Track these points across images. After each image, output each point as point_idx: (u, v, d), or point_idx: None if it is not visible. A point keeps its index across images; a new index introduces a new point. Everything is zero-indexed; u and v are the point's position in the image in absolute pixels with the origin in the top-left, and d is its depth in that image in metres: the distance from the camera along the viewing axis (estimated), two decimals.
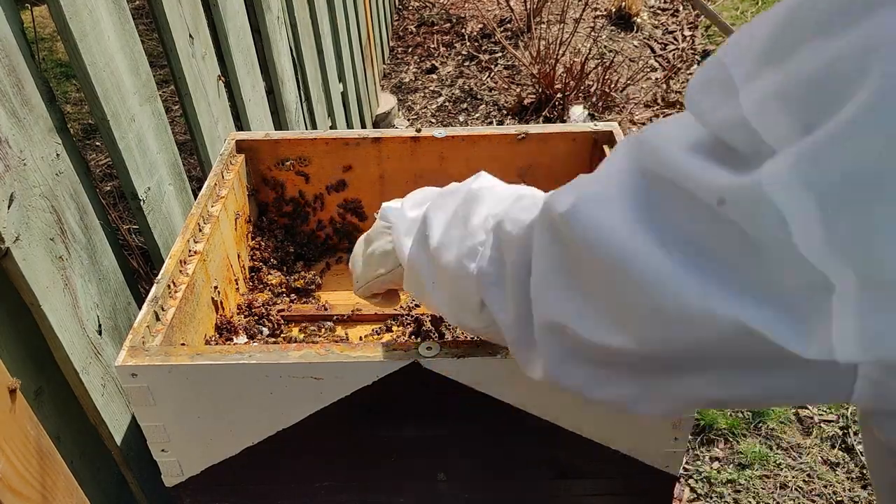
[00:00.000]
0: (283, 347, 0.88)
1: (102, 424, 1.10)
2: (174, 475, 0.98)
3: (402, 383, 0.87)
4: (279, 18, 2.00)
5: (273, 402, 0.90)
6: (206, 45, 1.55)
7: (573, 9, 4.33)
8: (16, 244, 0.89)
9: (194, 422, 0.92)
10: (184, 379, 0.87)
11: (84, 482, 0.96)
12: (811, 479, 1.95)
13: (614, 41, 4.20)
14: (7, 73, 0.90)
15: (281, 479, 1.01)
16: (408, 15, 4.67)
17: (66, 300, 1.00)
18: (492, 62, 4.05)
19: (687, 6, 4.54)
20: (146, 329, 0.93)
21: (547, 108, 3.47)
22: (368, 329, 1.29)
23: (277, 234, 1.42)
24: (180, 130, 2.66)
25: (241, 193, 1.32)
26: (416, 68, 4.10)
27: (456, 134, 1.35)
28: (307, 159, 1.38)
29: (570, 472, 0.99)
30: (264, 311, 1.27)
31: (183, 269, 1.05)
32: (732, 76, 0.39)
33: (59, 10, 1.02)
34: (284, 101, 2.06)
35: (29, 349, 0.96)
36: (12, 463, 0.75)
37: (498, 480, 1.00)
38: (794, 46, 0.36)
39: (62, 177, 1.02)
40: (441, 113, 3.72)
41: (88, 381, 1.04)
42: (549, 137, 1.35)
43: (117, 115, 1.17)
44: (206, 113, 1.53)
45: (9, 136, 0.89)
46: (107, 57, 1.14)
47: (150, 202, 1.29)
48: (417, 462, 0.98)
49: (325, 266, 1.45)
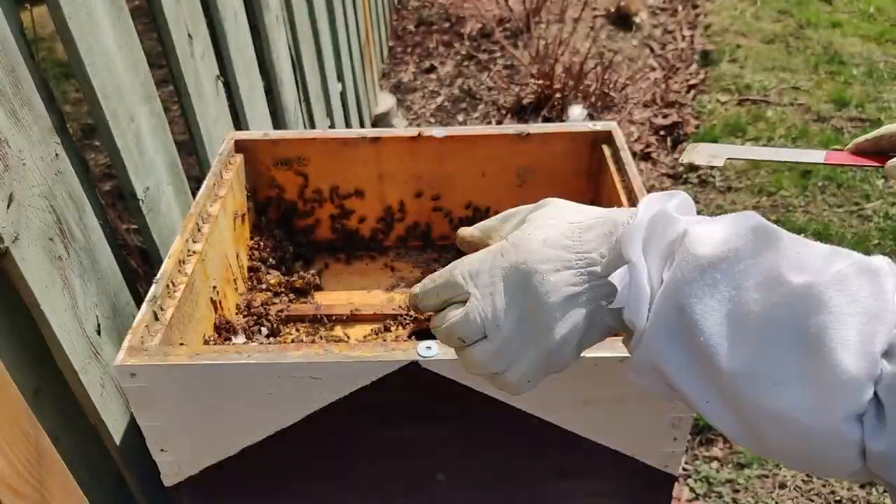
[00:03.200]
0: (282, 347, 0.88)
1: (102, 424, 1.10)
2: (173, 475, 0.98)
3: (401, 383, 0.87)
4: (278, 18, 2.00)
5: (272, 402, 0.90)
6: (204, 45, 1.55)
7: (572, 8, 4.33)
8: (15, 244, 0.89)
9: (194, 422, 0.92)
10: (183, 379, 0.87)
11: (83, 482, 0.96)
12: (810, 479, 1.96)
13: (613, 41, 4.20)
14: (6, 73, 0.90)
15: (280, 479, 1.01)
16: (407, 14, 4.67)
17: (65, 300, 1.00)
18: (491, 62, 4.05)
19: (686, 6, 4.54)
20: (145, 329, 0.93)
21: (546, 107, 3.47)
22: (368, 329, 1.29)
23: (276, 234, 1.42)
24: (179, 130, 2.66)
25: (239, 193, 1.32)
26: (415, 68, 4.10)
27: (455, 134, 1.35)
28: (306, 159, 1.38)
29: (570, 472, 0.99)
30: (263, 310, 1.27)
31: (181, 269, 1.05)
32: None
33: (58, 11, 1.02)
34: (283, 100, 2.05)
35: (28, 349, 0.96)
36: (12, 463, 0.75)
37: (497, 481, 1.00)
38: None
39: (61, 177, 1.02)
40: (440, 113, 3.72)
41: (87, 380, 1.04)
42: (548, 137, 1.35)
43: (116, 114, 1.17)
44: (204, 113, 1.53)
45: (8, 136, 0.89)
46: (105, 57, 1.14)
47: (149, 202, 1.28)
48: (417, 462, 0.98)
49: (324, 266, 1.45)
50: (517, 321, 0.59)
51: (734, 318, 0.51)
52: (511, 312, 0.59)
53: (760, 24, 4.31)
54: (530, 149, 1.36)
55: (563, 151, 1.37)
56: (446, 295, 0.63)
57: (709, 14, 4.47)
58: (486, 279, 0.60)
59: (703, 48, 4.07)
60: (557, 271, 0.57)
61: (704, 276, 0.52)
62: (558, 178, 1.40)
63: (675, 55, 4.05)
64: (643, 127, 3.47)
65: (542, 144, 1.36)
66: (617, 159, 1.29)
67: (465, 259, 0.63)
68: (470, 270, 0.61)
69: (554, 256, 0.58)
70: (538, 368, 0.60)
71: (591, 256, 0.57)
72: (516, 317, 0.59)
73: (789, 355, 0.49)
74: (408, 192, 1.42)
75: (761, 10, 4.47)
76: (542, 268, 0.57)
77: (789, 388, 0.49)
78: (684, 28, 4.33)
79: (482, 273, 0.60)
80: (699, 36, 4.24)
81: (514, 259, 0.59)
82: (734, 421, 0.53)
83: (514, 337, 0.59)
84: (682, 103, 3.62)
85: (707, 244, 0.53)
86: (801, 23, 4.28)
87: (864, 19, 4.30)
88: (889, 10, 4.37)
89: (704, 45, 4.11)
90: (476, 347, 0.61)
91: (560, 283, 0.57)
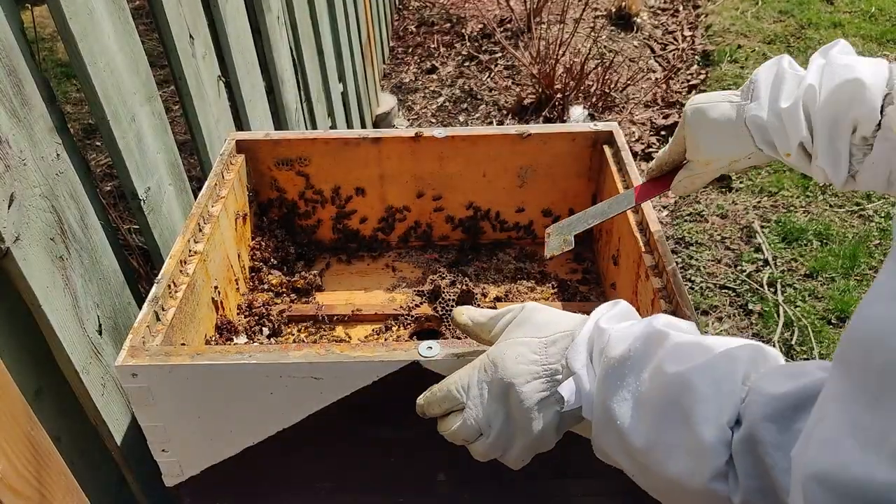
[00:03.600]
0: (284, 347, 0.88)
1: (102, 424, 1.10)
2: (174, 475, 0.98)
3: (402, 383, 0.87)
4: (279, 18, 2.01)
5: (273, 402, 0.90)
6: (206, 45, 1.55)
7: (573, 9, 4.33)
8: (16, 244, 0.89)
9: (194, 422, 0.92)
10: (184, 379, 0.87)
11: (84, 482, 0.96)
12: None
13: (614, 41, 4.20)
14: (7, 73, 0.90)
15: (281, 479, 1.01)
16: (408, 15, 4.67)
17: (66, 300, 1.00)
18: (492, 62, 4.05)
19: (687, 6, 4.54)
20: (146, 329, 0.93)
21: (547, 108, 3.47)
22: (368, 329, 1.29)
23: (278, 234, 1.42)
24: (180, 130, 2.66)
25: (241, 193, 1.32)
26: (416, 68, 4.10)
27: (456, 134, 1.35)
28: (307, 159, 1.38)
29: (569, 471, 0.99)
30: (264, 311, 1.27)
31: (183, 269, 1.05)
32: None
33: (59, 10, 1.02)
34: (284, 101, 2.06)
35: (29, 349, 0.96)
36: (12, 463, 0.75)
37: (497, 480, 1.00)
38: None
39: (62, 177, 1.02)
40: (441, 113, 3.72)
41: (88, 381, 1.04)
42: (548, 137, 1.35)
43: (117, 114, 1.17)
44: (206, 113, 1.53)
45: (9, 136, 0.89)
46: (107, 57, 1.14)
47: (151, 202, 1.29)
48: (417, 462, 0.98)
49: (326, 266, 1.45)
50: (504, 422, 0.74)
51: (637, 404, 0.64)
52: (498, 416, 0.74)
53: (761, 24, 4.31)
54: (531, 149, 1.36)
55: (563, 152, 1.37)
56: (447, 405, 0.77)
57: (710, 14, 4.47)
58: (476, 391, 0.75)
59: (704, 48, 4.07)
60: (528, 382, 0.72)
61: (616, 372, 0.66)
62: (559, 178, 1.40)
63: (675, 55, 4.05)
64: (644, 127, 3.47)
65: (543, 145, 1.36)
66: (618, 159, 1.29)
67: (456, 374, 0.78)
68: (462, 385, 0.76)
69: (524, 371, 0.72)
70: (527, 452, 0.76)
71: (554, 367, 0.72)
72: (503, 419, 0.74)
73: (673, 430, 0.60)
74: (409, 192, 1.42)
75: (762, 10, 4.47)
76: (517, 381, 0.72)
77: (676, 457, 0.60)
78: (685, 28, 4.33)
79: (472, 386, 0.76)
80: (700, 36, 4.24)
81: (494, 375, 0.74)
82: (652, 489, 0.65)
83: (503, 433, 0.75)
84: (683, 103, 3.62)
85: (619, 346, 0.67)
86: (802, 23, 4.28)
87: (866, 20, 4.29)
88: (891, 11, 4.36)
89: (705, 46, 4.11)
90: (477, 443, 0.76)
91: (531, 392, 0.72)
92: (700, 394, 0.59)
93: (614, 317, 0.73)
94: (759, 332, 2.32)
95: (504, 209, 1.45)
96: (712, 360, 0.61)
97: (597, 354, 0.70)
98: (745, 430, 0.56)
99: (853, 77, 0.79)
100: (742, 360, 0.60)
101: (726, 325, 2.36)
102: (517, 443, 0.75)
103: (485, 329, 0.81)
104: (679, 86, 3.75)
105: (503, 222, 1.47)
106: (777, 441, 0.53)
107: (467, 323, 0.82)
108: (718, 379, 0.59)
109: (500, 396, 0.74)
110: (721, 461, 0.57)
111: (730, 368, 0.59)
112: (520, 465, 0.78)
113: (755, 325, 2.36)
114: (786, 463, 0.52)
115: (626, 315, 0.74)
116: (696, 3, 4.65)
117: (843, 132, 0.80)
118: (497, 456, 0.77)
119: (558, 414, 0.72)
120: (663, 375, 0.62)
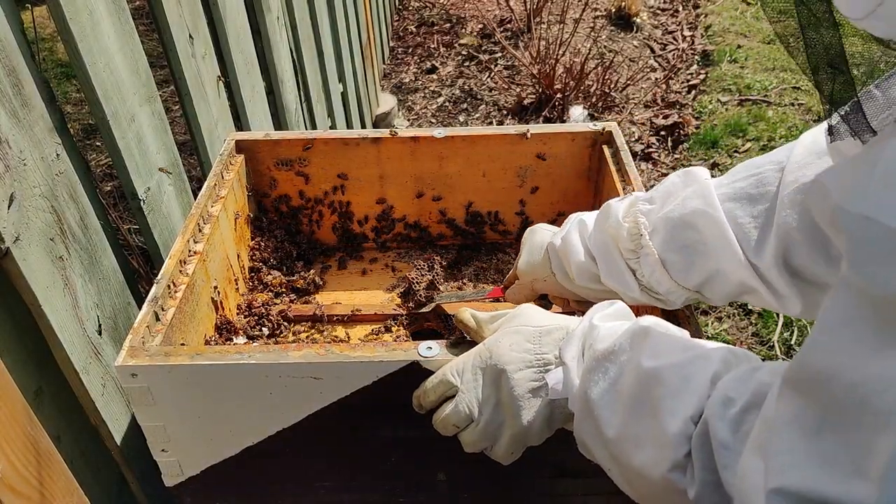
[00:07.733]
0: (283, 347, 0.88)
1: (102, 424, 1.10)
2: (174, 475, 0.98)
3: (402, 383, 0.87)
4: (279, 19, 2.01)
5: (273, 402, 0.90)
6: (205, 46, 1.55)
7: (573, 9, 4.33)
8: (16, 244, 0.89)
9: (194, 422, 0.92)
10: (184, 379, 0.87)
11: (84, 482, 0.96)
12: None
13: (614, 41, 4.20)
14: (7, 74, 0.90)
15: (281, 479, 1.01)
16: (408, 15, 4.67)
17: (66, 300, 1.00)
18: (492, 62, 4.05)
19: (687, 6, 4.54)
20: (146, 329, 0.93)
21: (547, 108, 3.47)
22: (368, 329, 1.29)
23: (277, 235, 1.42)
24: (180, 130, 2.66)
25: (240, 193, 1.32)
26: (416, 68, 4.10)
27: (456, 134, 1.35)
28: (307, 159, 1.38)
29: (570, 470, 0.99)
30: (264, 311, 1.27)
31: (183, 269, 1.05)
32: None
33: (59, 11, 1.02)
34: (284, 101, 2.06)
35: (29, 349, 0.96)
36: (12, 463, 0.75)
37: (497, 480, 1.00)
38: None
39: (62, 177, 1.02)
40: (441, 113, 3.72)
41: (88, 381, 1.04)
42: (548, 137, 1.35)
43: (117, 115, 1.17)
44: (205, 113, 1.53)
45: (9, 136, 0.89)
46: (107, 57, 1.14)
47: (150, 202, 1.29)
48: (417, 462, 0.99)
49: (325, 266, 1.45)
50: (494, 409, 0.76)
51: (614, 396, 0.66)
52: (489, 403, 0.76)
53: (761, 24, 4.30)
54: (531, 149, 1.37)
55: (563, 152, 1.37)
56: (441, 389, 0.79)
57: (709, 14, 4.47)
58: (470, 376, 0.77)
59: (704, 48, 4.07)
60: (520, 370, 0.73)
61: (600, 365, 0.68)
62: (559, 178, 1.40)
63: (675, 55, 4.05)
64: (644, 127, 3.47)
65: (543, 145, 1.36)
66: (617, 159, 1.29)
67: (453, 361, 0.80)
68: (457, 370, 0.78)
69: (517, 359, 0.74)
70: (516, 444, 0.77)
71: (547, 357, 0.74)
72: (493, 406, 0.76)
73: (642, 421, 0.63)
74: (409, 192, 1.42)
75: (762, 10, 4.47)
76: (509, 367, 0.74)
77: (642, 447, 0.63)
78: (685, 28, 4.33)
79: (466, 371, 0.77)
80: (700, 36, 4.24)
81: (489, 361, 0.76)
82: (622, 482, 0.68)
83: (493, 421, 0.76)
84: (683, 103, 3.62)
85: (606, 341, 0.70)
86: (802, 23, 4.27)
87: None
88: None
89: (705, 46, 4.11)
90: (467, 431, 0.78)
91: (523, 380, 0.73)
92: (670, 388, 0.62)
93: (608, 315, 0.76)
94: (758, 332, 2.32)
95: (504, 209, 1.45)
96: (686, 357, 0.64)
97: (587, 349, 0.72)
98: (702, 425, 0.59)
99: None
100: (714, 360, 0.63)
101: (726, 325, 2.36)
102: (506, 432, 0.76)
103: (487, 328, 0.82)
104: (679, 86, 3.76)
105: (503, 222, 1.47)
106: (726, 441, 0.56)
107: (469, 321, 0.84)
108: (688, 376, 0.62)
109: (493, 383, 0.75)
110: (681, 453, 0.60)
111: (701, 367, 0.62)
112: (509, 459, 0.79)
113: (755, 325, 2.36)
114: (732, 463, 0.55)
115: (621, 314, 0.77)
116: (696, 3, 4.65)
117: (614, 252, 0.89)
118: (487, 446, 0.78)
119: (548, 405, 0.74)
120: (639, 369, 0.65)
